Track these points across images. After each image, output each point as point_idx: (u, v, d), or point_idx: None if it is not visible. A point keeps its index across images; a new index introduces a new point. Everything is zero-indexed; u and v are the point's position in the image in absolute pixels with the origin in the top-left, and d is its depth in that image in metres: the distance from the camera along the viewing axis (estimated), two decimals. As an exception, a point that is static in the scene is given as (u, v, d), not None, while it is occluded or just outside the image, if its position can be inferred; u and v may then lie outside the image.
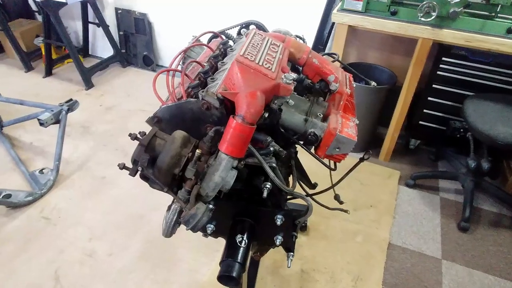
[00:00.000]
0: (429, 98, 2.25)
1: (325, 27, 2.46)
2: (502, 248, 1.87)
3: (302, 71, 1.07)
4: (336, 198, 1.19)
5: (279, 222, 0.97)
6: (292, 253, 1.07)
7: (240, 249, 0.93)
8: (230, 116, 0.78)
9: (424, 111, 2.30)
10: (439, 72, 2.15)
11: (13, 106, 2.47)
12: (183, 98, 0.87)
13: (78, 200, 2.04)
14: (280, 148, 0.88)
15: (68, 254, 1.74)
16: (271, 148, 0.86)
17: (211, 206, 0.82)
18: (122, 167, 0.82)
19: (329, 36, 2.45)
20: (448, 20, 1.81)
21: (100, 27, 3.27)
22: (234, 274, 0.88)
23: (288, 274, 1.68)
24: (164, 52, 3.41)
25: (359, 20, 1.96)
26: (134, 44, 3.42)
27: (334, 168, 1.06)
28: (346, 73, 1.16)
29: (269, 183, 0.89)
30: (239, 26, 1.25)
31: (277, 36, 1.08)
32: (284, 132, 0.94)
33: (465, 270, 1.76)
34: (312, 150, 0.98)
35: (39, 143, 2.46)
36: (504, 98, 1.92)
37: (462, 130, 2.04)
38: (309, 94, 1.07)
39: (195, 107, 0.85)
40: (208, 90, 0.83)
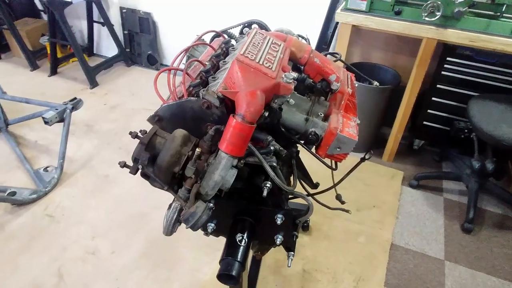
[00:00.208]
0: (433, 98, 2.23)
1: (328, 27, 2.45)
2: (506, 250, 1.86)
3: (303, 71, 1.06)
4: (338, 198, 1.19)
5: (279, 222, 0.97)
6: (292, 252, 1.07)
7: (240, 248, 0.94)
8: (230, 115, 0.78)
9: (428, 111, 2.28)
10: (443, 72, 2.13)
11: (18, 105, 2.50)
12: (184, 97, 0.88)
13: (81, 198, 2.06)
14: (281, 148, 0.88)
15: (71, 251, 1.75)
16: (272, 147, 0.87)
17: (211, 204, 0.82)
18: (123, 165, 0.83)
19: (333, 36, 2.44)
20: (453, 19, 1.79)
21: (105, 26, 3.29)
22: (234, 273, 0.88)
23: (290, 274, 1.68)
24: (168, 51, 3.42)
25: (363, 20, 1.95)
26: (139, 43, 3.44)
27: (335, 168, 1.06)
28: (348, 72, 1.16)
29: (269, 182, 0.89)
30: (242, 25, 1.25)
31: (278, 35, 1.08)
32: (285, 131, 0.94)
33: (468, 272, 1.74)
34: (313, 150, 0.98)
35: (44, 141, 2.48)
36: (509, 98, 1.90)
37: (467, 131, 2.02)
38: (310, 94, 1.06)
39: (196, 106, 0.85)
40: (209, 89, 0.83)
